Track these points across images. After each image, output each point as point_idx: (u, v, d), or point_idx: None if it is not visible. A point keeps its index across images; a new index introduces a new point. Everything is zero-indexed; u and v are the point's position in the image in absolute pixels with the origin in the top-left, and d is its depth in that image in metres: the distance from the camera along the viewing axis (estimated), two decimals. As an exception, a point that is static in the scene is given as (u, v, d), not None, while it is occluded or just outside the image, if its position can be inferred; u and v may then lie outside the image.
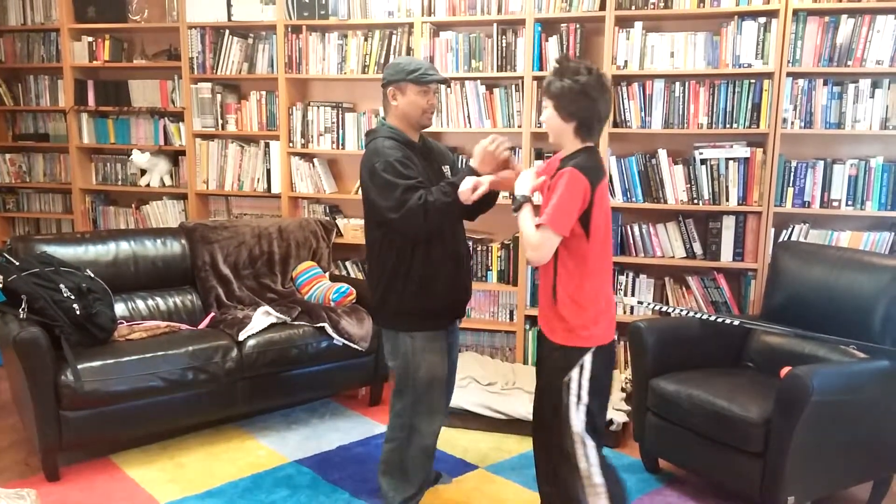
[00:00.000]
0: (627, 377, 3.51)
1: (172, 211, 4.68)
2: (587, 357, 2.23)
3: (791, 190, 3.63)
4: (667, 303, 3.88)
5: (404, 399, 2.59)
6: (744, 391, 2.73)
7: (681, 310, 3.57)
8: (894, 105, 3.48)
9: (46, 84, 4.79)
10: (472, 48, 3.98)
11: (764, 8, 3.53)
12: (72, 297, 3.08)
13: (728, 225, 3.72)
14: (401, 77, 2.49)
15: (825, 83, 3.54)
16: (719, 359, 3.14)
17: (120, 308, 3.52)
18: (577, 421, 2.23)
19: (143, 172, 4.68)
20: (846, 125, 3.54)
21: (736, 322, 3.14)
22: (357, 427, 3.55)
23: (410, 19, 4.02)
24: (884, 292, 2.84)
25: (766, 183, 3.61)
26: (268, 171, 4.43)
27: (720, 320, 3.12)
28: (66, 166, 4.84)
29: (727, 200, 3.70)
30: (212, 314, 3.71)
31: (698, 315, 3.18)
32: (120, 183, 4.78)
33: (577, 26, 3.79)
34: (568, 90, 2.14)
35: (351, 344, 3.54)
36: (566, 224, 2.12)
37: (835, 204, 3.60)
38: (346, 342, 3.53)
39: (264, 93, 4.39)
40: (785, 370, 2.61)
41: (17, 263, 3.17)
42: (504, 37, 3.92)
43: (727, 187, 3.69)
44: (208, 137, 4.52)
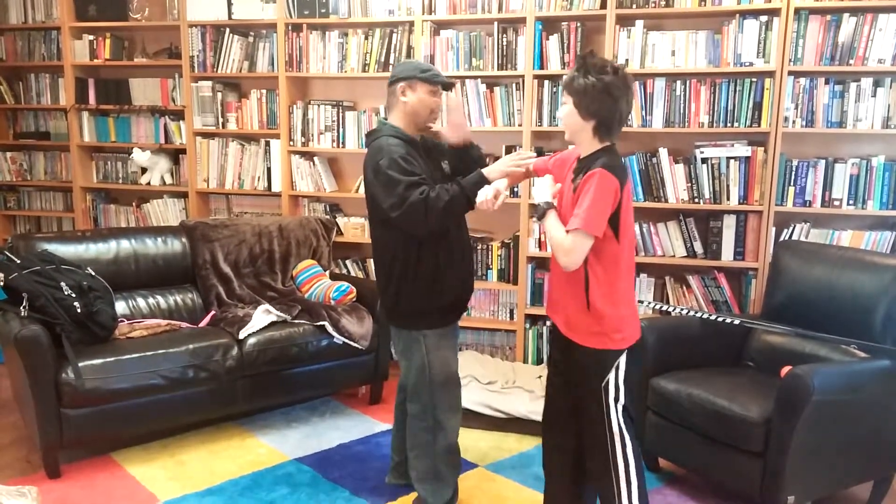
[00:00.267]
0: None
1: (173, 209, 4.68)
2: (622, 359, 2.22)
3: (792, 189, 3.63)
4: (667, 302, 3.88)
5: (422, 400, 2.57)
6: (744, 390, 2.73)
7: (681, 309, 3.57)
8: (896, 104, 3.49)
9: (47, 82, 4.79)
10: (473, 47, 3.98)
11: (765, 6, 3.53)
12: (73, 295, 3.08)
13: (729, 224, 3.72)
14: (414, 74, 2.49)
15: (827, 82, 3.54)
16: (720, 358, 3.14)
17: (121, 306, 3.53)
18: (617, 421, 2.23)
19: (144, 171, 4.68)
20: (848, 124, 3.54)
21: (736, 321, 3.13)
22: (357, 425, 3.55)
23: (411, 18, 4.01)
24: (885, 292, 2.83)
25: (767, 182, 3.61)
26: (268, 170, 4.43)
27: (721, 319, 3.11)
28: (67, 164, 4.84)
29: (728, 199, 3.70)
30: (212, 312, 3.71)
31: (699, 314, 3.18)
32: (121, 181, 4.78)
33: (578, 25, 3.78)
34: (591, 88, 2.09)
35: (351, 342, 3.54)
36: (599, 226, 2.08)
37: (836, 203, 3.59)
38: (347, 340, 3.53)
39: (265, 91, 4.39)
40: (785, 369, 2.61)
41: (18, 261, 3.17)
42: (504, 35, 3.91)
43: (728, 186, 3.69)
44: (209, 136, 4.52)
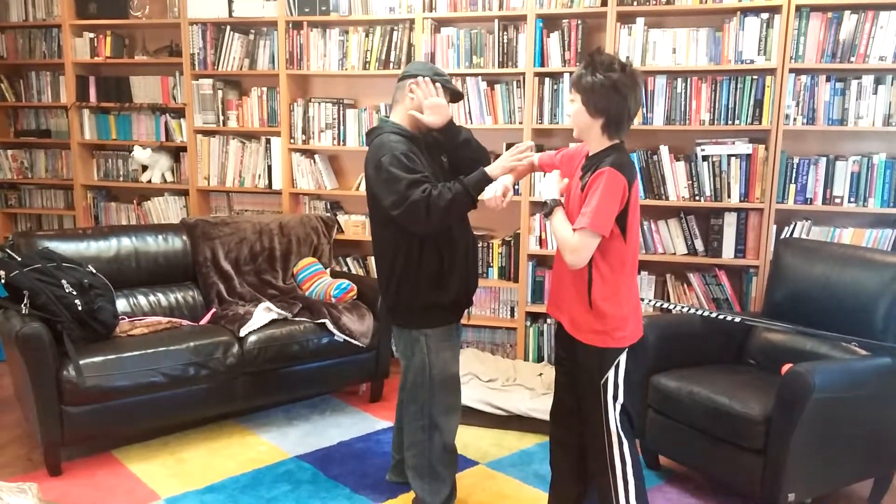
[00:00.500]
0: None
1: (174, 207, 4.68)
2: (622, 357, 2.22)
3: (793, 186, 3.62)
4: (668, 299, 3.87)
5: (420, 399, 2.57)
6: (745, 388, 2.73)
7: (682, 306, 3.57)
8: (897, 101, 3.48)
9: (48, 80, 4.80)
10: (474, 44, 3.97)
11: (766, 4, 3.52)
12: (74, 293, 3.08)
13: (730, 222, 3.71)
14: (427, 73, 2.50)
15: (828, 79, 3.53)
16: (721, 356, 3.14)
17: (121, 304, 3.53)
18: (615, 420, 2.24)
19: (145, 168, 4.68)
20: (849, 122, 3.53)
21: (737, 319, 3.13)
22: (358, 423, 3.55)
23: (412, 15, 4.01)
24: (886, 289, 2.83)
25: (768, 179, 3.60)
26: (269, 168, 4.43)
27: (721, 317, 3.11)
28: (68, 162, 4.84)
29: (729, 197, 3.69)
30: (213, 310, 3.71)
31: (700, 312, 3.18)
32: (121, 179, 4.78)
33: (579, 22, 3.78)
34: (599, 86, 2.08)
35: (352, 340, 3.54)
36: (607, 224, 2.08)
37: (837, 201, 3.59)
38: (347, 338, 3.53)
39: (265, 89, 4.39)
40: (786, 367, 2.61)
41: (20, 259, 3.17)
42: (505, 33, 3.91)
43: (729, 184, 3.69)
44: (209, 133, 4.52)
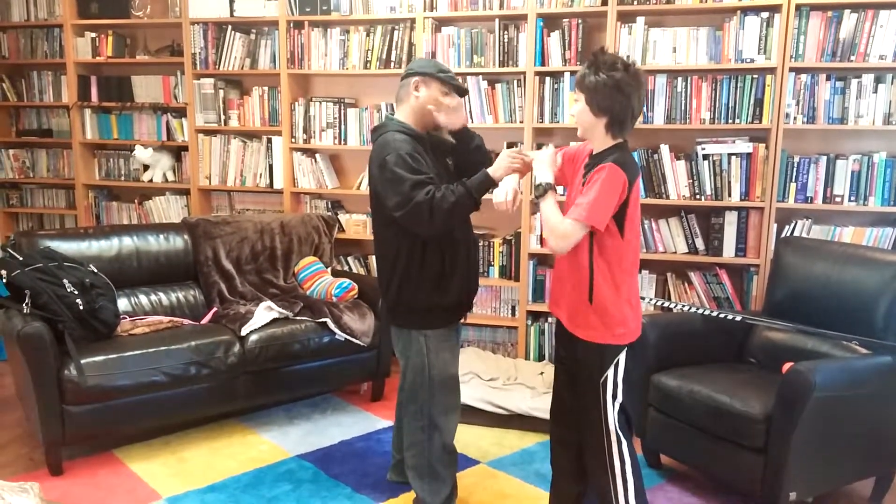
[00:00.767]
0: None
1: (175, 206, 4.68)
2: (622, 356, 2.23)
3: (794, 185, 3.63)
4: (669, 298, 3.88)
5: (419, 399, 2.57)
6: (746, 387, 2.73)
7: (683, 305, 3.57)
8: (898, 100, 3.48)
9: (50, 80, 4.80)
10: (474, 43, 3.98)
11: (766, 3, 3.52)
12: (75, 293, 3.09)
13: (730, 220, 3.71)
14: (431, 71, 2.48)
15: (828, 78, 3.53)
16: (721, 355, 3.14)
17: (123, 303, 3.54)
18: (613, 420, 2.24)
19: (146, 168, 4.69)
20: (849, 120, 3.53)
21: (738, 318, 3.13)
22: (359, 422, 3.55)
23: (412, 14, 4.01)
24: (887, 288, 2.83)
25: (769, 178, 3.60)
26: (270, 167, 4.43)
27: (722, 316, 3.11)
28: (70, 162, 4.85)
29: (729, 196, 3.70)
30: (214, 309, 3.71)
31: (700, 311, 3.18)
32: (123, 178, 4.79)
33: (579, 21, 3.78)
34: (602, 85, 2.09)
35: (353, 339, 3.54)
36: (600, 218, 2.09)
37: (837, 199, 3.59)
38: (348, 337, 3.53)
39: (266, 88, 4.40)
40: (787, 366, 2.61)
41: (21, 258, 3.18)
42: (506, 32, 3.91)
43: (729, 183, 3.69)
44: (211, 133, 4.52)
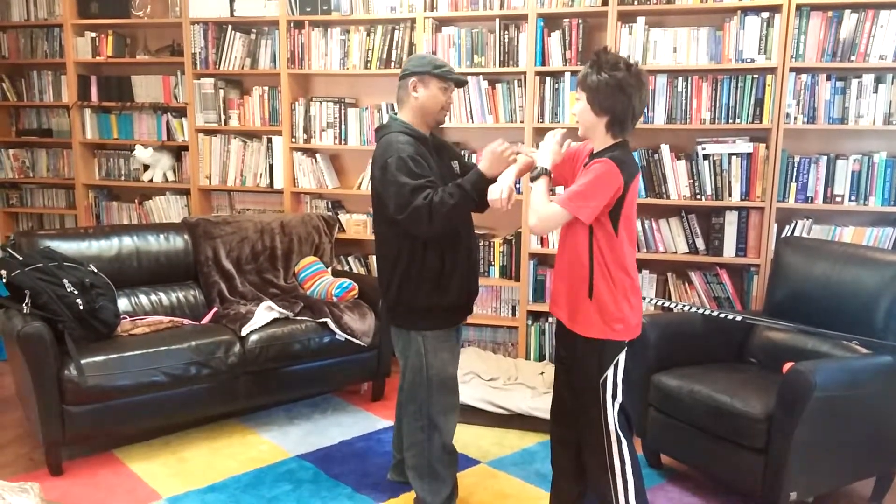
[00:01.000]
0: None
1: (175, 206, 4.68)
2: (622, 355, 2.23)
3: (794, 185, 3.62)
4: (669, 298, 3.88)
5: (418, 399, 2.57)
6: (746, 387, 2.73)
7: (683, 305, 3.57)
8: (898, 100, 3.48)
9: (50, 79, 4.80)
10: (475, 43, 3.98)
11: (767, 3, 3.52)
12: (75, 293, 3.09)
13: (731, 220, 3.71)
14: (426, 69, 2.46)
15: (828, 78, 3.53)
16: (722, 354, 3.14)
17: (123, 303, 3.54)
18: (613, 419, 2.24)
19: (146, 168, 4.69)
20: (849, 120, 3.53)
21: (738, 317, 3.13)
22: (359, 422, 3.55)
23: (413, 14, 4.01)
24: (887, 288, 2.83)
25: (769, 178, 3.60)
26: (270, 167, 4.43)
27: (723, 316, 3.11)
28: (70, 162, 4.85)
29: (730, 196, 3.70)
30: (214, 309, 3.71)
31: (701, 311, 3.18)
32: (123, 178, 4.79)
33: (580, 21, 3.78)
34: (604, 85, 2.10)
35: (353, 339, 3.54)
36: (584, 209, 2.10)
37: (838, 199, 3.59)
38: (349, 337, 3.53)
39: (267, 88, 4.39)
40: (787, 366, 2.61)
41: (21, 258, 3.18)
42: (506, 32, 3.91)
43: (730, 183, 3.69)
44: (211, 133, 4.52)
